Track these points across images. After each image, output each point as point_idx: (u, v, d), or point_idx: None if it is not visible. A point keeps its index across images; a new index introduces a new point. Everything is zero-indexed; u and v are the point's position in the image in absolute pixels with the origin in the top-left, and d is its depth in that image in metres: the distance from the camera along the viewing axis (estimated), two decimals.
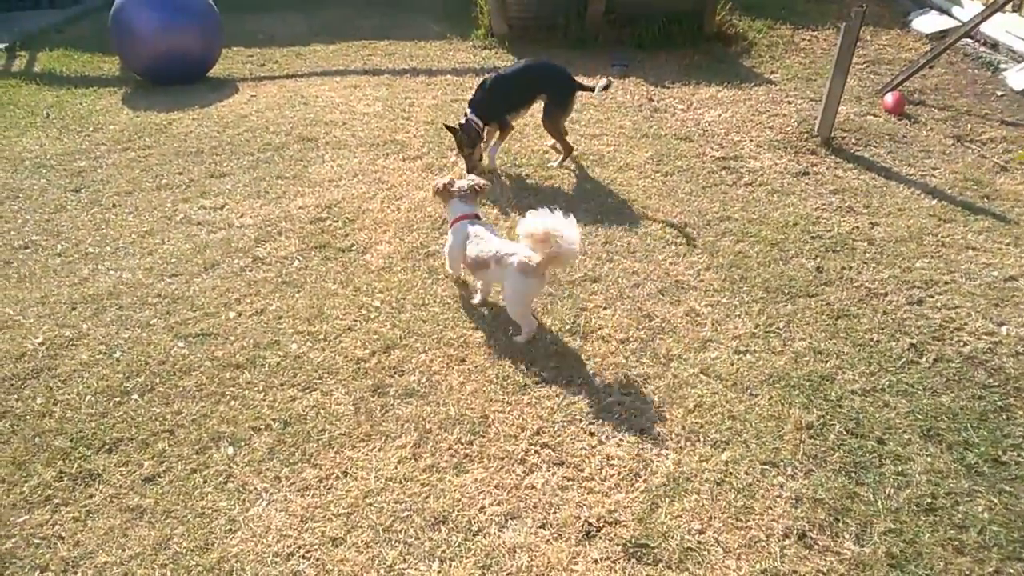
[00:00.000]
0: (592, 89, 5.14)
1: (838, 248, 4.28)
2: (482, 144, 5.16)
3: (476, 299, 3.84)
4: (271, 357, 3.46)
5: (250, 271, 4.13)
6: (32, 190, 5.10)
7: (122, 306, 3.84)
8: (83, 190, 5.09)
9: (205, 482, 2.82)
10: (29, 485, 2.83)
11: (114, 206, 4.86)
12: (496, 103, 5.06)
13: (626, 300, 3.82)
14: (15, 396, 3.26)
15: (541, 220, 3.22)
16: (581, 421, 3.05)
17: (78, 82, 7.37)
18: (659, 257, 4.19)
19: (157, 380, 3.32)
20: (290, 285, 4.00)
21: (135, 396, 3.24)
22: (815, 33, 8.28)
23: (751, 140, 5.73)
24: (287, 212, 4.72)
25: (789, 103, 6.49)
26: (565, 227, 3.20)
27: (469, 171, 4.98)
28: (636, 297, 3.84)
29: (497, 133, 5.23)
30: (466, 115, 5.05)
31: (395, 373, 3.35)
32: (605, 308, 3.76)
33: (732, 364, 3.36)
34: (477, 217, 3.78)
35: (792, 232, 4.43)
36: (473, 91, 5.21)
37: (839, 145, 5.59)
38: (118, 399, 3.23)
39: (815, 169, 5.24)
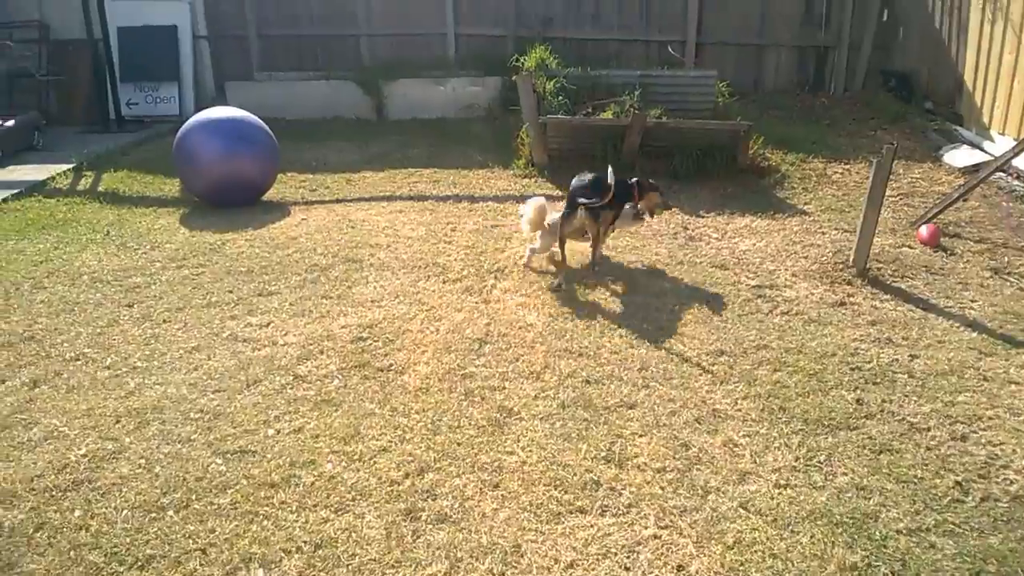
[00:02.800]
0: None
1: (878, 380, 4.24)
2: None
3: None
4: (306, 477, 3.47)
5: (290, 389, 4.21)
6: (87, 304, 5.33)
7: (164, 420, 3.92)
8: (136, 305, 5.30)
9: None
10: None
11: (164, 321, 5.04)
12: None
13: (663, 428, 3.79)
14: (54, 507, 3.30)
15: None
16: (616, 555, 2.98)
17: (139, 202, 7.80)
18: (696, 384, 4.19)
19: (193, 497, 3.35)
20: (328, 404, 4.06)
21: (171, 512, 3.26)
22: (847, 166, 8.49)
23: (786, 269, 5.80)
24: (329, 331, 4.85)
25: (823, 234, 6.59)
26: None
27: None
28: (673, 425, 3.82)
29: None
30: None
31: (428, 497, 3.33)
32: (641, 436, 3.73)
33: (772, 498, 3.28)
34: None
35: (830, 362, 4.41)
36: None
37: (875, 276, 5.63)
38: (154, 515, 3.25)
39: (851, 300, 5.25)
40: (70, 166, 9.10)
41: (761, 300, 5.26)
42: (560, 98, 8.87)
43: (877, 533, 3.09)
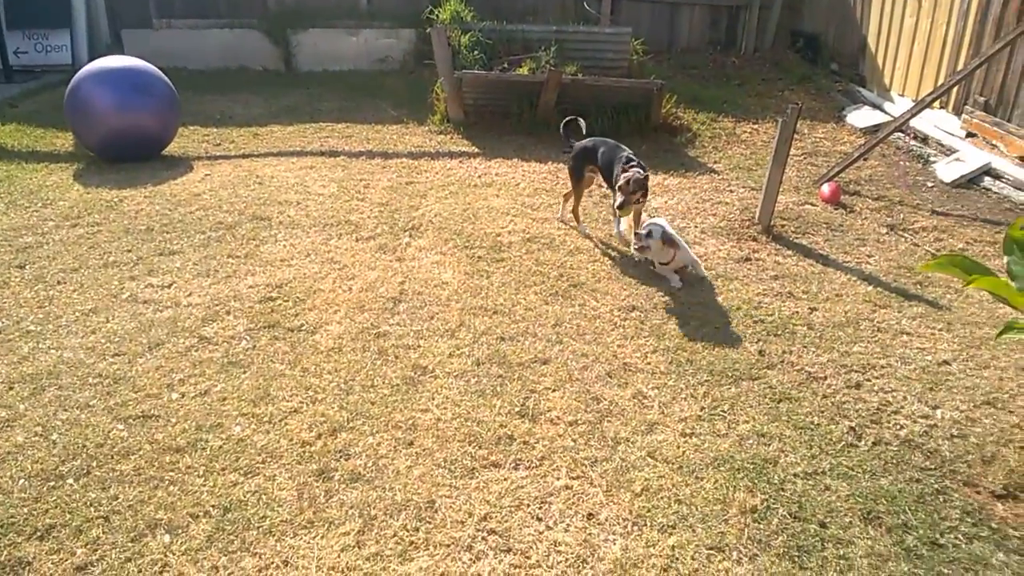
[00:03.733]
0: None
1: (779, 332, 4.41)
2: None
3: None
4: (213, 440, 3.39)
5: (195, 351, 4.08)
6: None
7: (61, 386, 3.74)
8: (28, 266, 5.00)
9: (140, 571, 2.72)
10: None
11: (59, 283, 4.78)
12: None
13: (575, 382, 3.86)
14: None
15: None
16: (529, 506, 3.04)
17: (28, 157, 7.32)
18: (608, 340, 4.27)
19: (94, 464, 3.23)
20: (236, 366, 3.96)
21: (70, 480, 3.13)
22: (756, 126, 8.70)
23: (696, 226, 5.93)
24: (236, 291, 4.71)
25: (731, 192, 6.76)
26: None
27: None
28: (585, 379, 3.89)
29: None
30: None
31: (341, 457, 3.31)
32: (554, 390, 3.79)
33: (678, 447, 3.40)
34: None
35: (735, 316, 4.56)
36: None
37: (779, 233, 5.82)
38: (52, 483, 3.12)
39: (756, 256, 5.43)
40: None
41: None
42: (476, 52, 8.73)
43: (776, 477, 3.25)
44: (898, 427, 3.62)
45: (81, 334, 4.21)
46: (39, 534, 2.88)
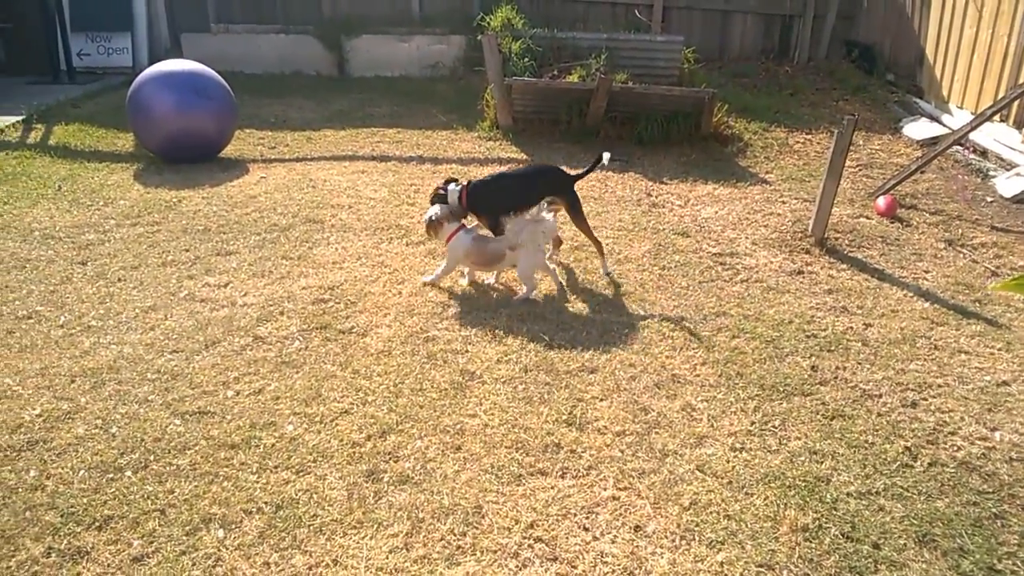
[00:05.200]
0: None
1: (833, 348, 4.34)
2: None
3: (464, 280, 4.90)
4: (267, 438, 3.45)
5: (250, 350, 4.16)
6: (39, 261, 5.18)
7: (121, 381, 3.85)
8: (90, 263, 5.16)
9: (194, 565, 2.78)
10: (16, 560, 2.78)
11: (119, 280, 4.93)
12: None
13: (623, 392, 3.85)
14: (8, 467, 3.24)
15: None
16: (576, 515, 3.04)
17: (91, 156, 7.56)
18: (656, 350, 4.24)
19: (151, 457, 3.31)
20: (289, 365, 4.03)
21: (128, 473, 3.22)
22: (809, 136, 8.58)
23: (747, 238, 5.87)
24: (290, 292, 4.79)
25: (784, 203, 6.67)
26: None
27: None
28: (633, 389, 3.87)
29: None
30: None
31: (390, 459, 3.35)
32: (602, 400, 3.78)
33: (728, 461, 3.36)
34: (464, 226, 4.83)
35: (787, 330, 4.50)
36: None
37: (833, 246, 5.73)
38: (111, 475, 3.21)
39: (809, 268, 5.35)
40: (19, 118, 8.76)
41: (721, 268, 5.32)
42: (526, 60, 8.78)
43: (828, 496, 3.19)
44: (955, 448, 3.53)
45: (140, 330, 4.33)
46: (98, 524, 2.96)
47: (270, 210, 6.14)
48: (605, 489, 3.18)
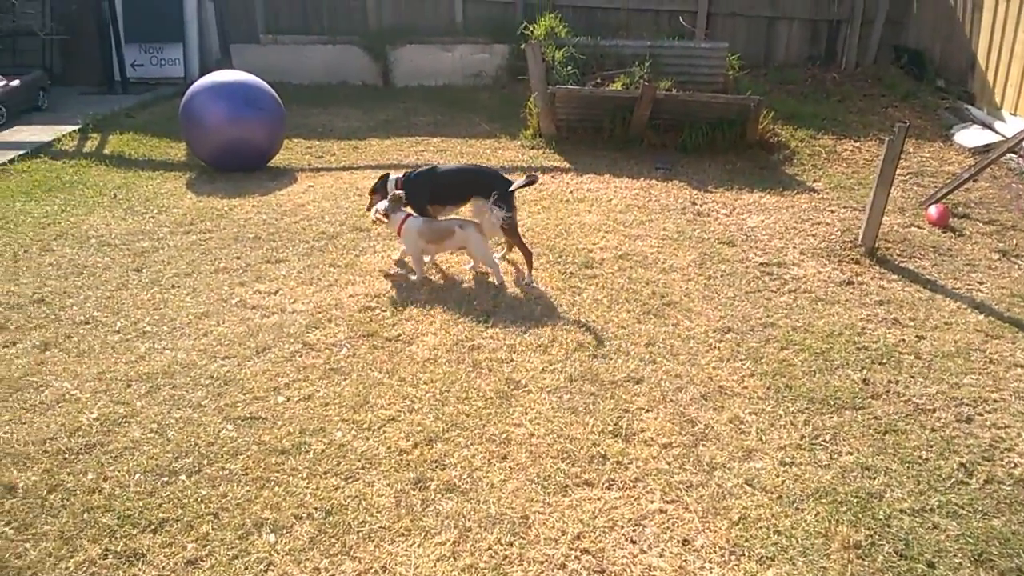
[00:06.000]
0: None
1: (884, 360, 4.26)
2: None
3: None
4: (316, 444, 3.51)
5: (299, 356, 4.23)
6: (96, 267, 5.33)
7: (175, 385, 3.95)
8: (144, 270, 5.30)
9: (246, 569, 2.83)
10: (75, 561, 2.87)
11: (173, 287, 5.05)
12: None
13: (669, 404, 3.82)
14: (67, 470, 3.34)
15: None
16: (623, 528, 3.02)
17: (145, 165, 7.77)
18: (702, 361, 4.21)
19: (205, 462, 3.39)
20: (337, 372, 4.09)
21: (183, 477, 3.30)
22: (857, 144, 8.44)
23: (794, 247, 5.79)
24: (338, 300, 4.86)
25: (832, 212, 6.57)
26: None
27: None
28: (679, 401, 3.84)
29: None
30: None
31: (437, 467, 3.37)
32: (647, 411, 3.76)
33: (777, 476, 3.32)
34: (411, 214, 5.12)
35: (837, 342, 4.43)
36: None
37: (883, 256, 5.62)
38: (166, 479, 3.29)
39: (859, 279, 5.26)
40: (76, 127, 9.05)
41: (769, 278, 5.26)
42: (569, 68, 8.77)
43: (881, 512, 3.13)
44: (1012, 465, 3.44)
45: (194, 336, 4.43)
46: (153, 527, 3.03)
47: (318, 218, 6.24)
48: (652, 502, 3.16)
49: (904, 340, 4.47)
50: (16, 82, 9.86)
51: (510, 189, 5.16)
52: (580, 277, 5.22)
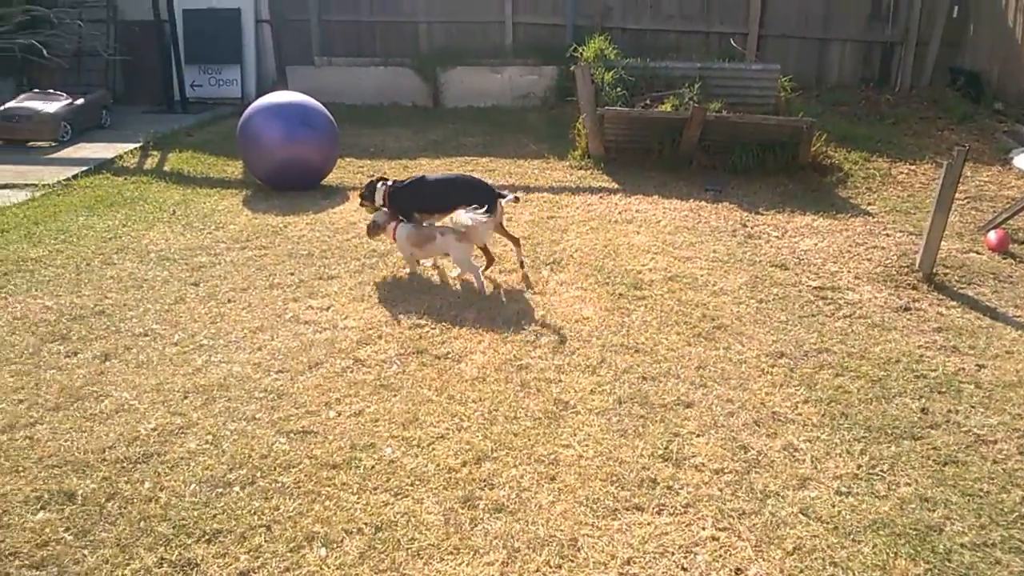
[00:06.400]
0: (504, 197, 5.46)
1: (943, 389, 4.14)
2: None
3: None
4: (366, 460, 3.54)
5: (351, 372, 4.28)
6: (155, 281, 5.48)
7: (230, 398, 4.03)
8: (201, 284, 5.43)
9: None
10: (131, 568, 2.92)
11: (229, 301, 5.16)
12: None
13: (720, 429, 3.77)
14: (125, 479, 3.42)
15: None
16: (673, 554, 2.98)
17: (203, 183, 7.98)
18: (754, 386, 4.15)
19: (258, 474, 3.44)
20: (387, 388, 4.13)
21: (236, 488, 3.35)
22: (913, 167, 8.28)
23: (849, 271, 5.69)
24: (388, 317, 4.92)
25: (887, 236, 6.44)
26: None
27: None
28: (731, 426, 3.79)
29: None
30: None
31: (485, 486, 3.37)
32: (699, 435, 3.72)
33: (833, 506, 3.24)
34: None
35: (894, 369, 4.32)
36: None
37: (941, 282, 5.49)
38: (221, 490, 3.34)
39: (917, 305, 5.14)
40: (137, 145, 9.35)
41: (823, 302, 5.17)
42: (618, 89, 8.79)
43: (941, 546, 3.03)
44: None
45: (248, 350, 4.52)
46: (207, 537, 3.08)
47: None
48: (704, 528, 3.11)
49: (963, 368, 4.35)
50: (81, 101, 10.23)
51: (501, 201, 5.42)
52: (629, 298, 5.20)
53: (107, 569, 2.92)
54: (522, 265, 5.62)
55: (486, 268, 5.52)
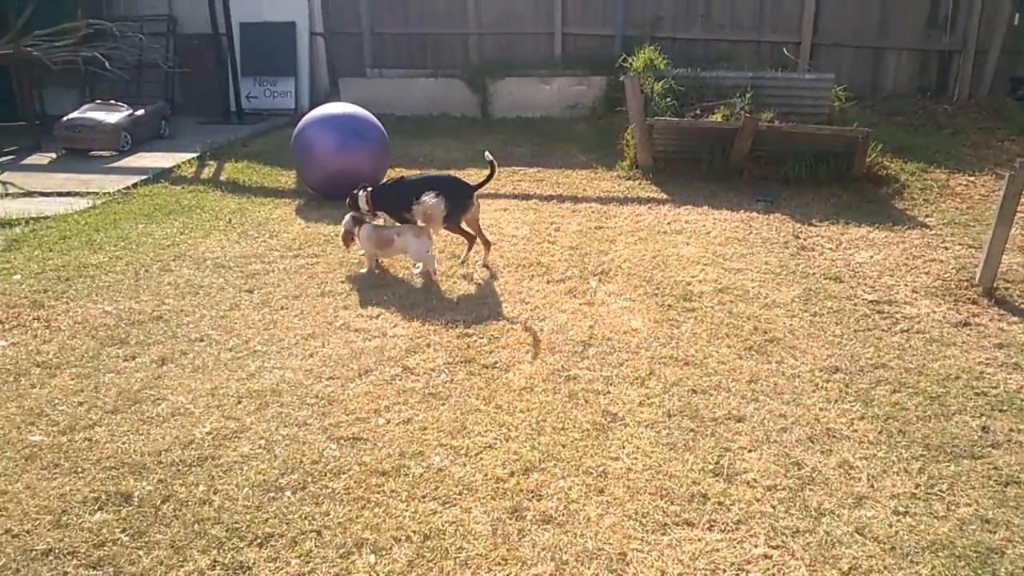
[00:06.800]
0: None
1: (1005, 408, 4.01)
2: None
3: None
4: (415, 467, 3.56)
5: (400, 380, 4.32)
6: (211, 288, 5.61)
7: (283, 403, 4.09)
8: (256, 291, 5.54)
9: None
10: (185, 571, 2.98)
11: (282, 308, 5.26)
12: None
13: (773, 444, 3.70)
14: (180, 481, 3.49)
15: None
16: (725, 572, 2.93)
17: (258, 192, 8.16)
18: (808, 401, 4.06)
19: (309, 479, 3.48)
20: (436, 397, 4.15)
21: (288, 493, 3.40)
22: (972, 178, 8.06)
23: (906, 285, 5.55)
24: (436, 326, 4.95)
25: (946, 249, 6.27)
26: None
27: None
28: (784, 442, 3.72)
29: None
30: None
31: (533, 497, 3.36)
32: (750, 451, 3.65)
33: (890, 526, 3.16)
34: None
35: (954, 386, 4.20)
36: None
37: (1002, 296, 5.32)
38: (273, 494, 3.39)
39: (977, 320, 4.98)
40: (194, 155, 9.61)
41: (879, 316, 5.05)
42: (668, 99, 8.74)
43: (1002, 569, 2.93)
44: None
45: (300, 356, 4.59)
46: (259, 541, 3.13)
47: None
48: (756, 546, 3.05)
49: None
50: (141, 111, 10.57)
51: (471, 191, 5.84)
52: (678, 310, 5.15)
53: (161, 571, 2.98)
54: (486, 266, 5.94)
55: (477, 249, 6.02)
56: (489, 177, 5.87)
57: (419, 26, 12.37)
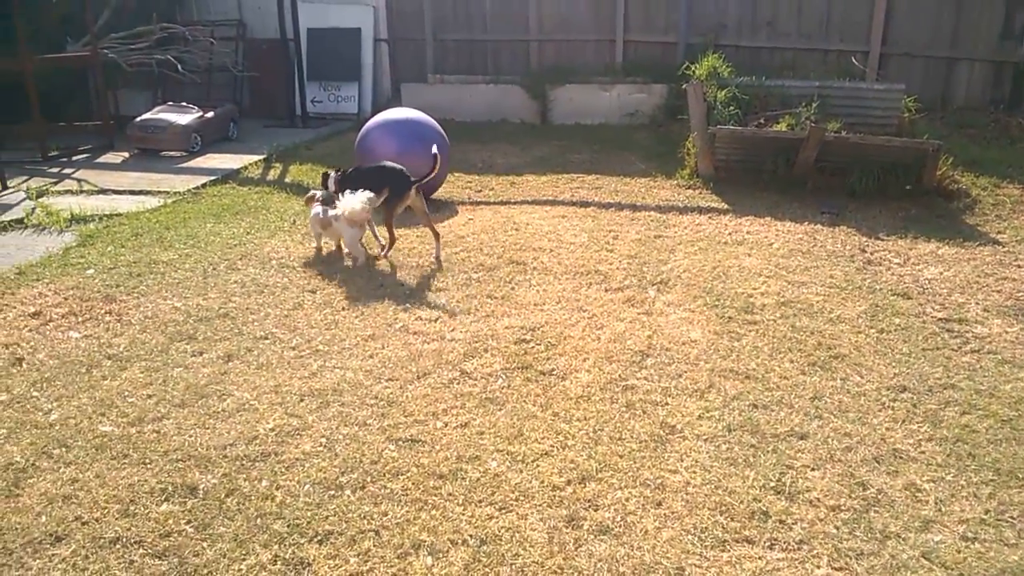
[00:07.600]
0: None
1: None
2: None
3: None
4: (472, 472, 3.58)
5: (457, 384, 4.36)
6: (275, 287, 5.74)
7: (343, 403, 4.16)
8: (318, 292, 5.65)
9: None
10: (247, 564, 3.05)
11: (343, 309, 5.35)
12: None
13: (837, 463, 3.62)
14: (244, 476, 3.58)
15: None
16: None
17: None
18: (874, 421, 3.96)
19: (368, 479, 3.53)
20: (493, 402, 4.17)
21: (348, 492, 3.45)
22: None
23: (977, 303, 5.37)
24: (494, 331, 4.97)
25: (1019, 267, 6.05)
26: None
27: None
28: (848, 461, 3.63)
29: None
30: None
31: (590, 507, 3.35)
32: (813, 469, 3.58)
33: (959, 551, 3.06)
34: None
35: None
36: None
37: None
38: (333, 492, 3.45)
39: None
40: (261, 157, 9.85)
41: (948, 335, 4.90)
42: (731, 108, 8.62)
43: None
44: None
45: (361, 357, 4.66)
46: (319, 538, 3.19)
47: (476, 250, 6.43)
48: (819, 567, 2.99)
49: None
50: (211, 114, 10.88)
51: (410, 184, 6.28)
52: (739, 323, 5.07)
53: (224, 563, 3.05)
54: (437, 260, 6.21)
55: (389, 249, 6.35)
56: (430, 172, 6.42)
57: (481, 33, 12.47)
